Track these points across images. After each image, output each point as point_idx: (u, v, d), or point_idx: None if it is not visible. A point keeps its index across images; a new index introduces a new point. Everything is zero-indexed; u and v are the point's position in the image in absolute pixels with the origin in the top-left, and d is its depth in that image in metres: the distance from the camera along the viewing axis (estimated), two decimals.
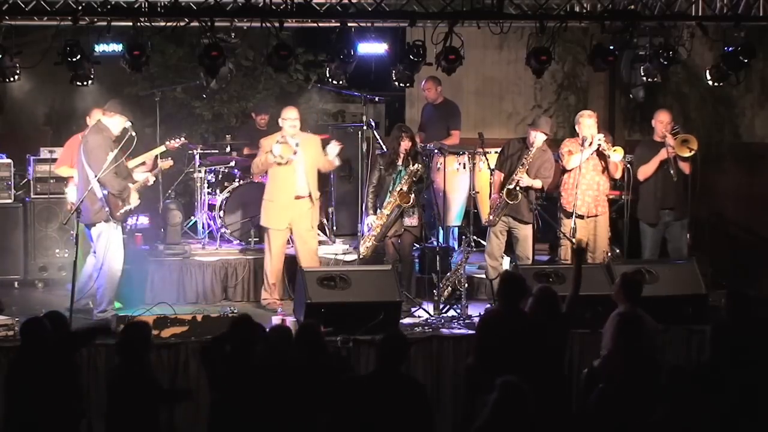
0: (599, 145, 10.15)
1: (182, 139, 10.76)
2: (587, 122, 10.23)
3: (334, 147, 10.22)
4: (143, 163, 10.17)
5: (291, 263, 10.26)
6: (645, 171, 10.39)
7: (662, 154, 10.28)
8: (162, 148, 10.42)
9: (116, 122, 9.48)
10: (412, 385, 6.77)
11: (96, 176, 9.28)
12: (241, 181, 11.58)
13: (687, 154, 10.19)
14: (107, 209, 9.34)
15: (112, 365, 7.41)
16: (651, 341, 7.59)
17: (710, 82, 10.00)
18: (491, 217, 10.14)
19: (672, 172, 10.24)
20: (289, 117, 10.06)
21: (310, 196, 10.10)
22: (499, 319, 7.53)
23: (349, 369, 7.52)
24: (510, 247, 10.27)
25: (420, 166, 10.15)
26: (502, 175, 10.18)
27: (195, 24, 9.08)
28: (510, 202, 10.00)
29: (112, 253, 9.45)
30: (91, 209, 9.38)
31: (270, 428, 6.74)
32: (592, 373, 7.59)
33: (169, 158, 10.54)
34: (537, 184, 10.10)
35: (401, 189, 10.07)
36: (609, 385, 7.22)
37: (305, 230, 10.14)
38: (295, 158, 10.00)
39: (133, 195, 9.53)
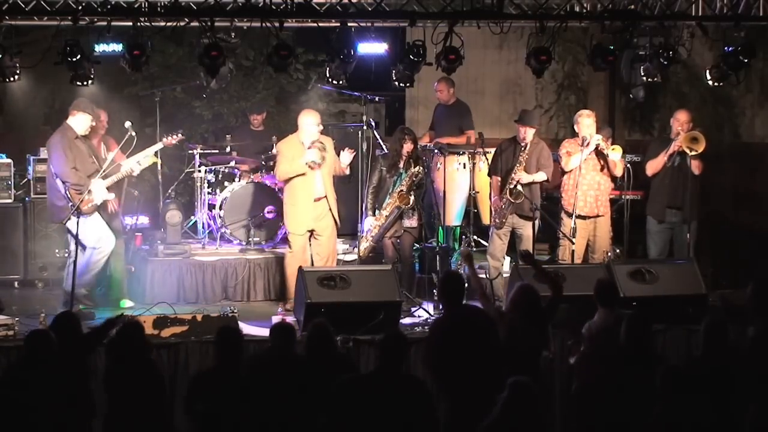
0: (597, 144, 10.15)
1: (179, 135, 10.76)
2: (586, 122, 10.23)
3: (347, 155, 10.16)
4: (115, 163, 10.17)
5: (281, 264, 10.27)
6: (653, 165, 10.40)
7: (670, 148, 10.29)
8: (159, 145, 10.46)
9: (79, 120, 9.55)
10: (413, 383, 6.77)
11: (55, 175, 9.39)
12: (241, 181, 11.58)
13: (694, 152, 10.19)
14: (71, 204, 9.39)
15: (108, 366, 7.40)
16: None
17: (710, 82, 10.00)
18: (497, 220, 10.12)
19: (677, 162, 10.24)
20: (314, 122, 9.96)
21: (326, 197, 10.06)
22: (444, 321, 7.44)
23: (354, 370, 7.50)
24: (512, 247, 10.27)
25: (420, 168, 10.15)
26: (499, 178, 10.17)
27: (195, 24, 9.08)
28: (514, 201, 10.00)
29: (92, 243, 9.52)
30: (58, 206, 9.49)
31: (272, 427, 6.76)
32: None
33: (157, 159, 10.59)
34: (539, 177, 10.09)
35: (401, 190, 10.08)
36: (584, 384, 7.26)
37: (326, 231, 10.06)
38: (322, 159, 9.98)
39: (100, 189, 9.51)
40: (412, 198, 10.08)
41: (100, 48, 9.18)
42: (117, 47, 9.10)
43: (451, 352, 7.12)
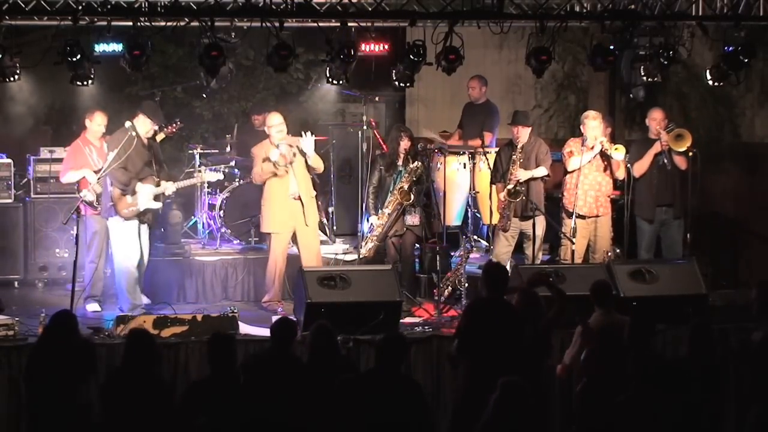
0: (602, 144, 10.15)
1: (178, 123, 11.11)
2: (592, 123, 10.23)
3: (309, 140, 10.01)
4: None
5: (291, 263, 10.25)
6: (640, 166, 10.40)
7: (656, 147, 10.30)
8: (161, 136, 10.66)
9: (142, 123, 9.62)
10: (409, 384, 6.78)
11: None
12: (241, 181, 11.59)
13: (682, 148, 10.20)
14: (111, 204, 9.41)
15: (112, 368, 7.39)
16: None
17: (710, 82, 10.01)
18: (503, 223, 10.12)
19: (666, 161, 10.26)
20: (274, 123, 10.02)
21: (300, 197, 10.04)
22: (485, 306, 7.49)
23: (356, 372, 7.50)
24: (519, 248, 10.28)
25: (420, 164, 10.16)
26: (502, 183, 10.17)
27: (195, 24, 9.08)
28: (514, 201, 10.00)
29: (121, 250, 9.51)
30: (105, 205, 9.57)
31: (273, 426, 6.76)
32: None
33: (219, 171, 11.04)
34: (539, 172, 10.11)
35: (402, 187, 10.09)
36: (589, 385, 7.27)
37: (305, 230, 10.10)
38: (295, 160, 9.97)
39: (146, 195, 9.53)
40: (413, 195, 10.09)
41: (100, 48, 9.17)
42: (117, 47, 9.10)
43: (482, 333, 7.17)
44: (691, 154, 10.23)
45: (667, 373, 6.54)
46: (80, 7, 8.95)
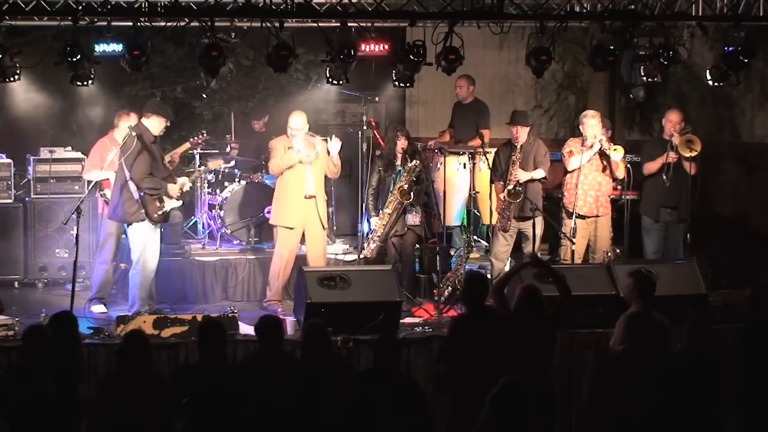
0: (601, 143, 10.16)
1: (204, 134, 11.17)
2: (591, 122, 10.24)
3: (335, 143, 10.11)
4: (170, 161, 10.51)
5: (294, 263, 10.25)
6: (649, 168, 10.45)
7: (665, 157, 10.30)
8: (186, 145, 10.86)
9: (154, 123, 9.56)
10: (408, 384, 6.79)
11: (130, 179, 9.35)
12: (241, 181, 11.58)
13: (688, 153, 10.21)
14: (143, 210, 9.38)
15: (111, 371, 7.40)
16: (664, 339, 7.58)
17: (710, 82, 10.01)
18: (502, 223, 10.13)
19: (665, 177, 10.24)
20: (296, 127, 10.03)
21: (316, 197, 10.07)
22: (467, 321, 7.44)
23: (351, 371, 7.50)
24: (517, 248, 10.28)
25: (418, 163, 10.16)
26: (501, 183, 10.18)
27: (195, 24, 9.08)
28: (513, 201, 10.01)
29: (149, 254, 9.50)
30: (127, 210, 9.43)
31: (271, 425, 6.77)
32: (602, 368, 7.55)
33: (220, 159, 11.21)
34: (537, 174, 10.11)
35: (401, 186, 10.09)
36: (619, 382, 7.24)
37: (315, 230, 10.12)
38: (314, 155, 9.98)
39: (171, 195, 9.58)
40: (413, 194, 10.09)
41: (100, 48, 9.16)
42: (117, 47, 9.08)
43: (471, 351, 7.13)
44: (692, 154, 10.23)
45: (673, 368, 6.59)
46: (80, 7, 8.95)
